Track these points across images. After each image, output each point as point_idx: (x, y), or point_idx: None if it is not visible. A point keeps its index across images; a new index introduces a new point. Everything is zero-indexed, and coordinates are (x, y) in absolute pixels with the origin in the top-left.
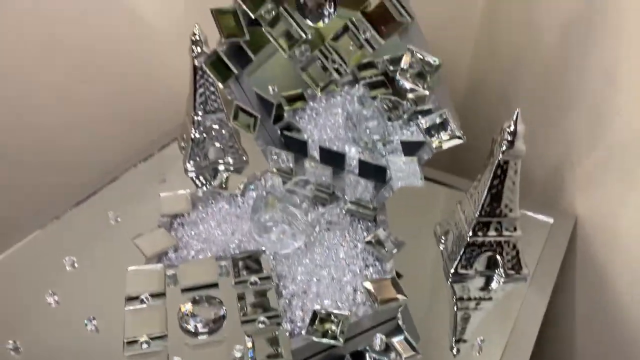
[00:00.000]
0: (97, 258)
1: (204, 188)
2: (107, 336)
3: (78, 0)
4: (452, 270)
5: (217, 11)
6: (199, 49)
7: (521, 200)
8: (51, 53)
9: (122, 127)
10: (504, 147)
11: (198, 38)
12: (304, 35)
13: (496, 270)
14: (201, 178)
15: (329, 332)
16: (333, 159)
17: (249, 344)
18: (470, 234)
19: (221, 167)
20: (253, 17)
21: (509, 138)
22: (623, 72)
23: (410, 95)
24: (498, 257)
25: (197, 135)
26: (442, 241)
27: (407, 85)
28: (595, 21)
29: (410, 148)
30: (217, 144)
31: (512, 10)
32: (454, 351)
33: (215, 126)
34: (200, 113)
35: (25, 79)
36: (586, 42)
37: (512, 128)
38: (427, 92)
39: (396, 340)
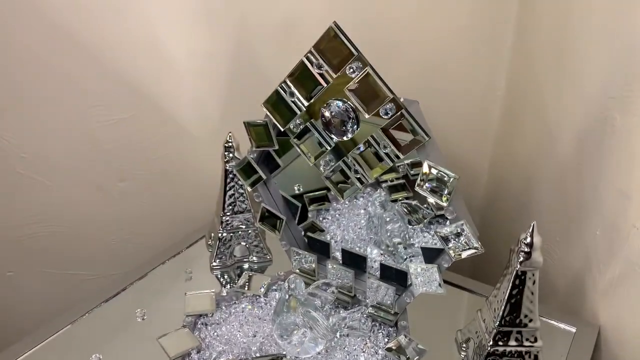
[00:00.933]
0: (121, 356)
1: (228, 287)
2: None
3: (118, 106)
4: None
5: (249, 124)
6: (230, 155)
7: (543, 308)
8: (89, 153)
9: (154, 223)
10: (521, 258)
11: (230, 144)
12: (328, 147)
13: None
14: (226, 276)
15: None
16: (355, 261)
17: None
18: (491, 343)
19: (246, 266)
20: (282, 130)
21: (526, 249)
22: (635, 185)
23: (430, 200)
24: None
25: (225, 235)
26: (463, 349)
27: (426, 197)
28: (607, 136)
29: (430, 255)
30: (243, 243)
31: (527, 122)
32: None
33: (242, 226)
34: (228, 213)
35: (67, 179)
36: (599, 154)
37: (528, 240)
38: (444, 204)
39: None
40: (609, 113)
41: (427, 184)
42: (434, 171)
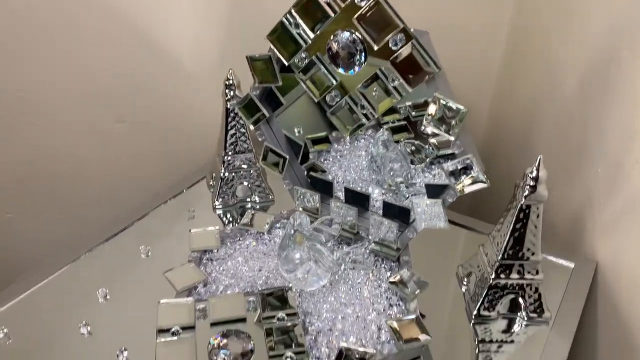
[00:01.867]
0: (128, 291)
1: (231, 225)
2: None
3: (114, 44)
4: (475, 312)
5: (252, 58)
6: (232, 93)
7: (542, 245)
8: (89, 95)
9: (153, 164)
10: (527, 192)
11: (231, 82)
12: (334, 82)
13: (518, 313)
14: (228, 215)
15: None
16: (357, 199)
17: None
18: (493, 276)
19: (248, 205)
20: (286, 64)
21: (532, 183)
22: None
23: (432, 140)
24: (520, 299)
25: (226, 174)
26: (465, 283)
27: (434, 131)
28: (614, 74)
29: (434, 191)
30: (245, 183)
31: (531, 60)
32: None
33: (244, 166)
34: (230, 153)
35: (65, 119)
36: (604, 93)
37: (534, 174)
38: (452, 138)
39: None
40: (617, 50)
41: (435, 117)
42: (443, 104)
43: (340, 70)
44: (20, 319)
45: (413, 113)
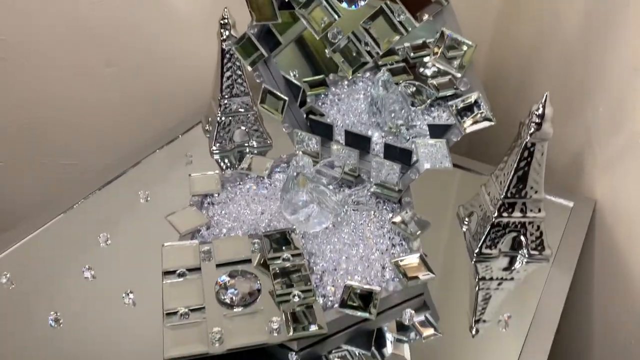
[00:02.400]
0: (129, 235)
1: (229, 170)
2: (144, 309)
3: None
4: (477, 250)
5: None
6: (227, 33)
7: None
8: (77, 36)
9: (147, 109)
10: (532, 130)
11: (227, 21)
12: (337, 17)
13: (520, 251)
14: (226, 160)
15: (362, 306)
16: (358, 142)
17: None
18: (496, 214)
19: (246, 150)
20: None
21: (537, 120)
22: None
23: (432, 82)
24: (522, 237)
25: (223, 119)
26: (466, 222)
27: (440, 67)
28: (621, 8)
29: (437, 131)
30: (243, 127)
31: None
32: (474, 331)
33: (241, 109)
34: (226, 96)
35: (53, 63)
36: (607, 29)
37: (540, 111)
38: (459, 74)
39: (417, 320)
40: None
41: (441, 53)
42: (450, 39)
43: (344, 5)
44: (22, 264)
45: (411, 54)
